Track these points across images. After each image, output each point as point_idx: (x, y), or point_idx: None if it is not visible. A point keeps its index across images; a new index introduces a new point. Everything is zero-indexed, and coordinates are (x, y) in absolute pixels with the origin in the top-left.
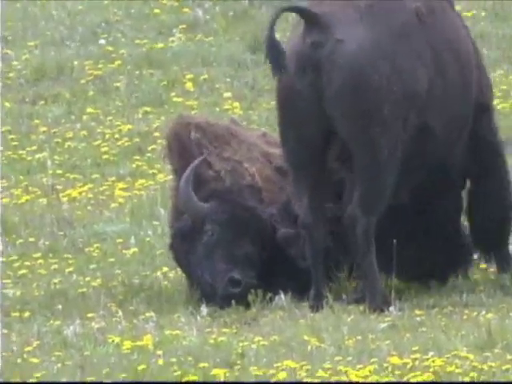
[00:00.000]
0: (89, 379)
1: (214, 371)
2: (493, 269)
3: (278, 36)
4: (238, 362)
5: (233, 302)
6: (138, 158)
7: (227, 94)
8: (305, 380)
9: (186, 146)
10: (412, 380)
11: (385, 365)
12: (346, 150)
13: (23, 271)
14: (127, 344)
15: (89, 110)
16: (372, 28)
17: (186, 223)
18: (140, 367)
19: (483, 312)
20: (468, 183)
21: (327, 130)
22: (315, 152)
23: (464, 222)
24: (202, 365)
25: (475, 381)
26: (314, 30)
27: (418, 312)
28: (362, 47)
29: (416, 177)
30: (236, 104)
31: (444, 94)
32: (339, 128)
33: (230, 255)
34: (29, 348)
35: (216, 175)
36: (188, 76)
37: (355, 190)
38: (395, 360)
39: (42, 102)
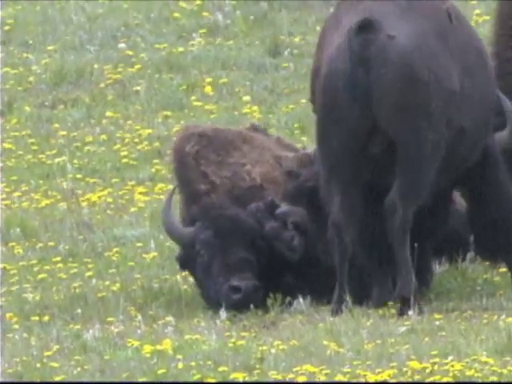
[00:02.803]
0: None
1: (234, 375)
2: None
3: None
4: (257, 366)
5: (251, 306)
6: (157, 162)
7: (246, 98)
8: None
9: (183, 160)
10: None
11: (404, 369)
12: (388, 147)
13: (43, 275)
14: (147, 348)
15: (108, 114)
16: (417, 25)
17: (181, 252)
18: (160, 371)
19: (503, 316)
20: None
21: (370, 128)
22: (355, 150)
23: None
24: (221, 369)
25: None
26: (364, 27)
27: (437, 316)
28: (413, 43)
29: (444, 179)
30: (255, 108)
31: (471, 95)
32: (386, 123)
33: (224, 266)
34: (48, 352)
35: (208, 188)
36: (207, 80)
37: (396, 181)
38: (414, 364)
39: (62, 106)
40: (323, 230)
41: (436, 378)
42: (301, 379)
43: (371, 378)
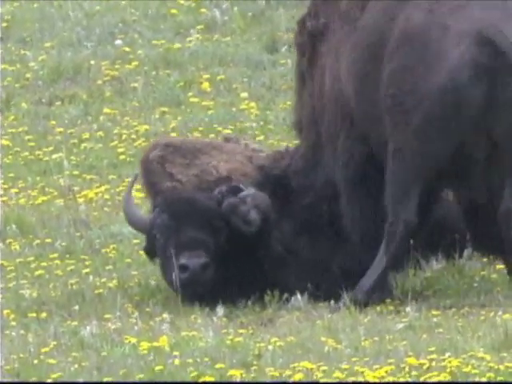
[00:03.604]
0: (106, 380)
1: (231, 372)
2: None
3: None
4: (255, 362)
5: (249, 302)
6: None
7: (244, 95)
8: (321, 381)
9: (148, 167)
10: (429, 380)
11: (402, 365)
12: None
13: (40, 272)
14: (144, 345)
15: (105, 110)
16: None
17: (145, 241)
18: (157, 368)
19: (500, 313)
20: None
21: (479, 139)
22: (457, 156)
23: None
24: (218, 366)
25: (492, 381)
26: (489, 38)
27: (434, 313)
28: None
29: None
30: (253, 104)
31: None
32: (504, 135)
33: (177, 247)
34: (46, 349)
35: (174, 185)
36: (205, 76)
37: (507, 188)
38: (412, 361)
39: (59, 103)
40: (283, 220)
41: (433, 375)
42: (298, 376)
43: (369, 374)
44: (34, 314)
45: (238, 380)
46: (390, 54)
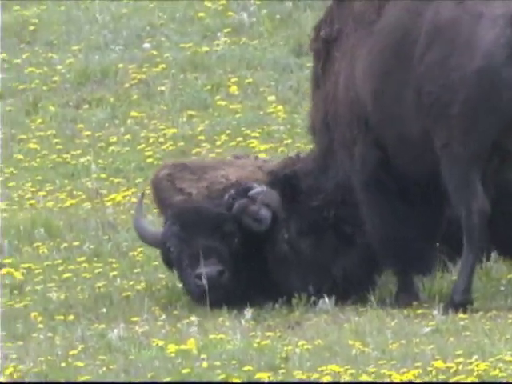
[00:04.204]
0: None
1: (258, 375)
2: None
3: None
4: (282, 365)
5: (277, 305)
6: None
7: (271, 98)
8: None
9: (158, 186)
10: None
11: (429, 369)
12: None
13: (68, 275)
14: (171, 348)
15: (133, 113)
16: None
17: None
18: (184, 371)
19: None
20: None
21: None
22: (502, 138)
23: None
24: (246, 368)
25: None
26: None
27: (461, 316)
28: None
29: None
30: (280, 107)
31: None
32: None
33: (190, 257)
34: (73, 352)
35: (185, 198)
36: (232, 79)
37: None
38: (439, 364)
39: (86, 106)
40: (291, 220)
41: (460, 378)
42: (326, 379)
43: (396, 377)
44: (62, 317)
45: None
46: (421, 52)
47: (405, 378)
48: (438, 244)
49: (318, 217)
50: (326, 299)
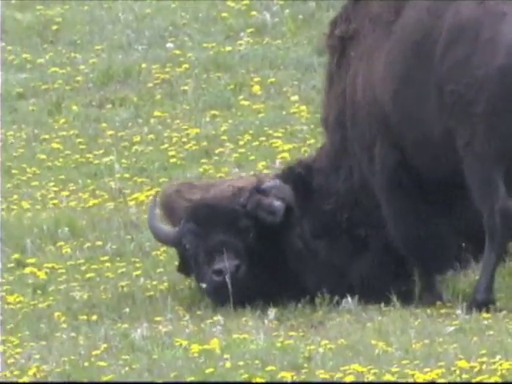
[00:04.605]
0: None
1: (281, 374)
2: None
3: None
4: (305, 365)
5: (299, 305)
6: (205, 161)
7: (294, 98)
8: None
9: (166, 201)
10: (479, 383)
11: (452, 368)
12: None
13: (91, 274)
14: (195, 347)
15: (156, 113)
16: None
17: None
18: (207, 370)
19: None
20: None
21: None
22: None
23: None
24: (269, 368)
25: None
26: None
27: (485, 315)
28: None
29: None
30: (303, 107)
31: None
32: None
33: (208, 253)
34: (96, 351)
35: (199, 197)
36: (255, 79)
37: None
38: (462, 363)
39: (109, 106)
40: (304, 218)
41: (484, 378)
42: (349, 378)
43: (419, 377)
44: (85, 317)
45: (289, 382)
46: (443, 51)
47: (428, 378)
48: (463, 244)
49: (331, 220)
50: (349, 299)
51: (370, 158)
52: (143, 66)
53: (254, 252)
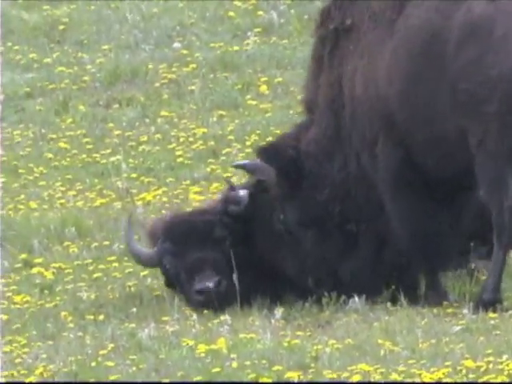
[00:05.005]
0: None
1: (288, 374)
2: None
3: None
4: (312, 364)
5: (307, 304)
6: (212, 161)
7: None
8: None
9: (151, 230)
10: (486, 383)
11: (458, 368)
12: None
13: (98, 274)
14: (201, 347)
15: (163, 113)
16: None
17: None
18: (214, 370)
19: None
20: None
21: None
22: None
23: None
24: (275, 368)
25: None
26: None
27: (491, 315)
28: None
29: None
30: None
31: None
32: None
33: (187, 272)
34: (103, 351)
35: (173, 215)
36: (263, 79)
37: None
38: (469, 363)
39: (117, 106)
40: (289, 203)
41: (490, 377)
42: (355, 378)
43: (426, 376)
44: (92, 317)
45: (296, 382)
46: (455, 50)
47: (434, 377)
48: (471, 243)
49: (322, 212)
50: (356, 299)
51: (372, 155)
52: (150, 65)
53: (237, 257)
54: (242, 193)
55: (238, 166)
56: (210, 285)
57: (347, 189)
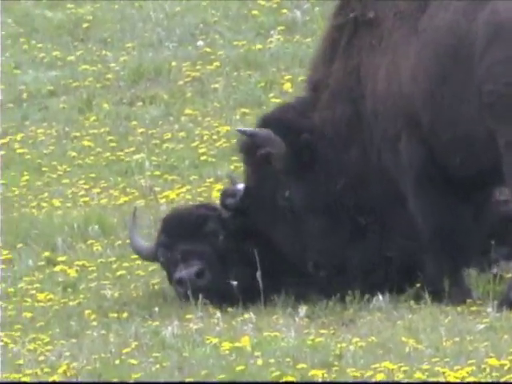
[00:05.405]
0: (187, 380)
1: (312, 372)
2: None
3: None
4: (336, 363)
5: (329, 303)
6: (235, 159)
7: None
8: (403, 381)
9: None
10: (510, 381)
11: (482, 366)
12: None
13: (121, 272)
14: (225, 345)
15: (187, 111)
16: None
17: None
18: (238, 368)
19: None
20: None
21: None
22: None
23: None
24: (299, 366)
25: None
26: None
27: None
28: None
29: None
30: None
31: None
32: None
33: (173, 263)
34: (127, 349)
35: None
36: (286, 77)
37: None
38: (493, 361)
39: (140, 104)
40: (296, 184)
41: None
42: (379, 376)
43: (450, 375)
44: (116, 315)
45: (320, 380)
46: (481, 52)
47: (458, 376)
48: (493, 242)
49: (334, 201)
50: (380, 297)
51: (394, 150)
52: (174, 63)
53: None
54: (239, 186)
55: (244, 133)
56: (187, 274)
57: (363, 180)
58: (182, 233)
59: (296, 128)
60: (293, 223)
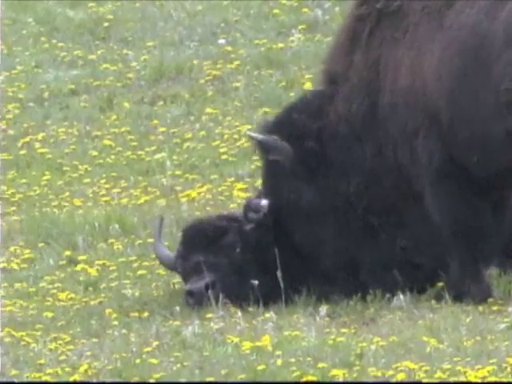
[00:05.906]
0: (208, 379)
1: (333, 371)
2: None
3: None
4: (357, 362)
5: (351, 302)
6: (256, 158)
7: None
8: (424, 381)
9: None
10: None
11: (503, 365)
12: None
13: (142, 271)
14: (246, 344)
15: (208, 110)
16: None
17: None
18: (259, 368)
19: None
20: None
21: None
22: None
23: None
24: (320, 365)
25: None
26: None
27: None
28: None
29: None
30: None
31: None
32: None
33: (188, 273)
34: (148, 348)
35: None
36: (307, 76)
37: None
38: None
39: (161, 103)
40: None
41: None
42: (400, 376)
43: (471, 374)
44: (136, 314)
45: (341, 380)
46: (498, 51)
47: (479, 375)
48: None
49: (344, 203)
50: (401, 296)
51: (412, 147)
52: (195, 62)
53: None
54: (264, 202)
55: (252, 138)
56: (197, 287)
57: (377, 178)
58: (199, 244)
59: (302, 134)
60: (308, 226)
